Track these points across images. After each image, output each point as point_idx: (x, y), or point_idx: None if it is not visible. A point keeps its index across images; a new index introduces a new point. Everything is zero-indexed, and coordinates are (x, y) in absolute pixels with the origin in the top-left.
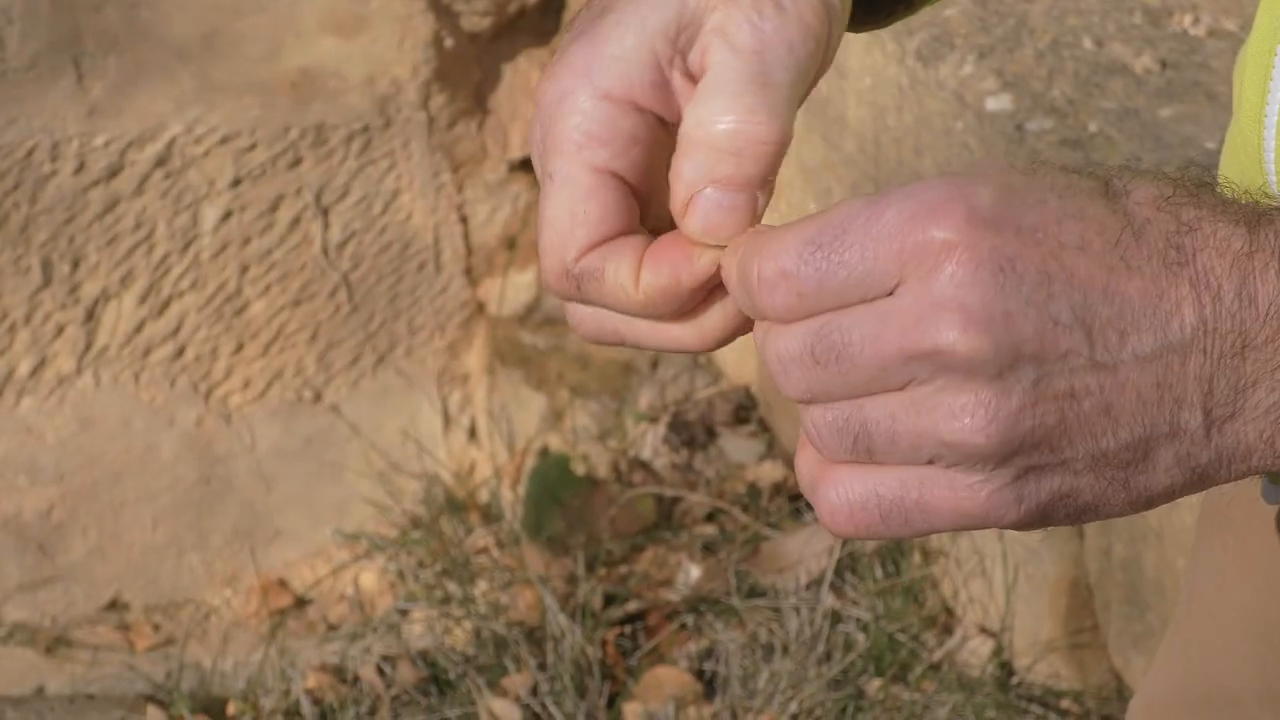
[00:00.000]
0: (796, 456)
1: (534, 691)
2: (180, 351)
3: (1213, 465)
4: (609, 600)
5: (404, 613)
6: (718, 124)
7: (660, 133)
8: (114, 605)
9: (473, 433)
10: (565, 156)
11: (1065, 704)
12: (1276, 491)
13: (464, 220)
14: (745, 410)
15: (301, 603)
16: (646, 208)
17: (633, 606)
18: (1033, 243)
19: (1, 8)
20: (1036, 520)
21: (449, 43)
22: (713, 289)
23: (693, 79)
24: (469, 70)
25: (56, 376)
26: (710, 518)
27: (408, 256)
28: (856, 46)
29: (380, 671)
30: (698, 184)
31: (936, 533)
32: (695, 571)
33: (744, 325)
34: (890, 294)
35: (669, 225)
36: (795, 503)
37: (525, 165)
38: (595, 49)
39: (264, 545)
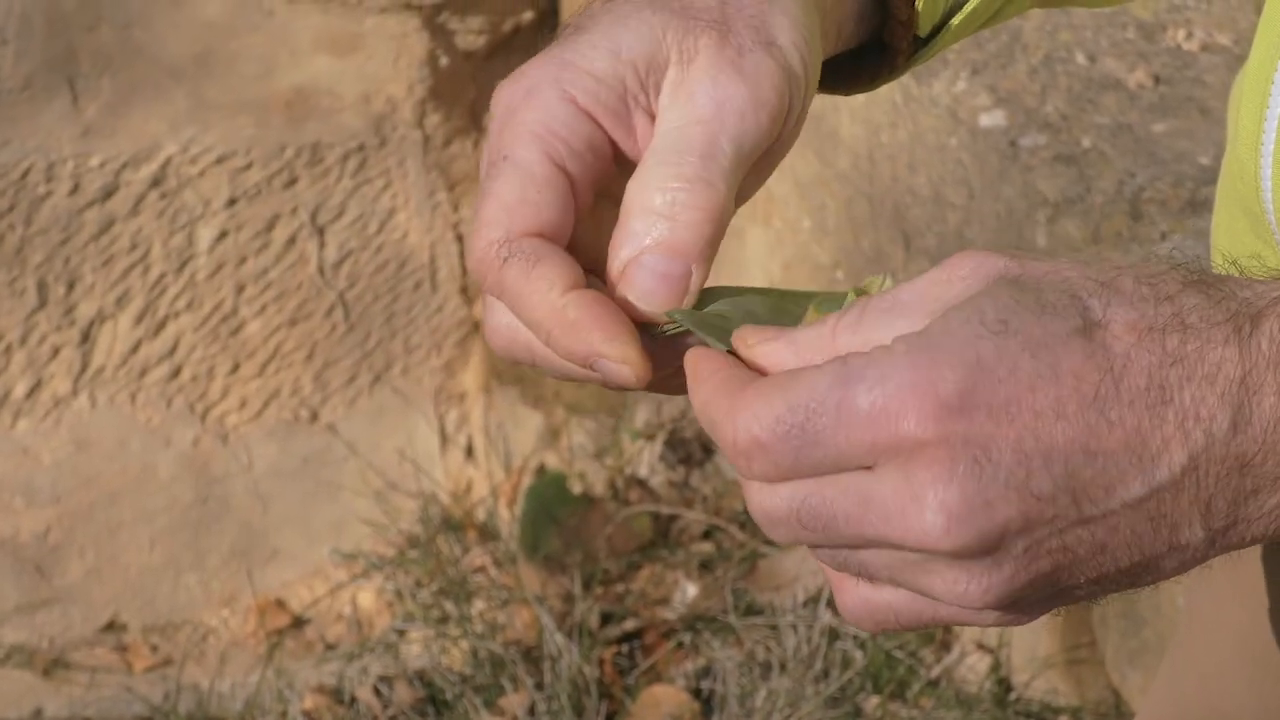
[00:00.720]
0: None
1: (531, 711)
2: (176, 372)
3: (1219, 555)
4: (606, 619)
5: (401, 632)
6: (656, 193)
7: (609, 158)
8: (112, 626)
9: (469, 451)
10: (524, 143)
11: None
12: None
13: (460, 239)
14: None
15: (299, 622)
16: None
17: (630, 625)
18: (1006, 421)
19: None
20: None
21: (444, 61)
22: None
23: (650, 118)
24: (464, 89)
25: (53, 398)
26: (707, 535)
27: (404, 275)
28: None
29: (377, 692)
30: (635, 250)
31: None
32: (692, 589)
33: (661, 364)
34: (869, 468)
35: (584, 254)
36: None
37: None
38: (565, 60)
39: (261, 565)
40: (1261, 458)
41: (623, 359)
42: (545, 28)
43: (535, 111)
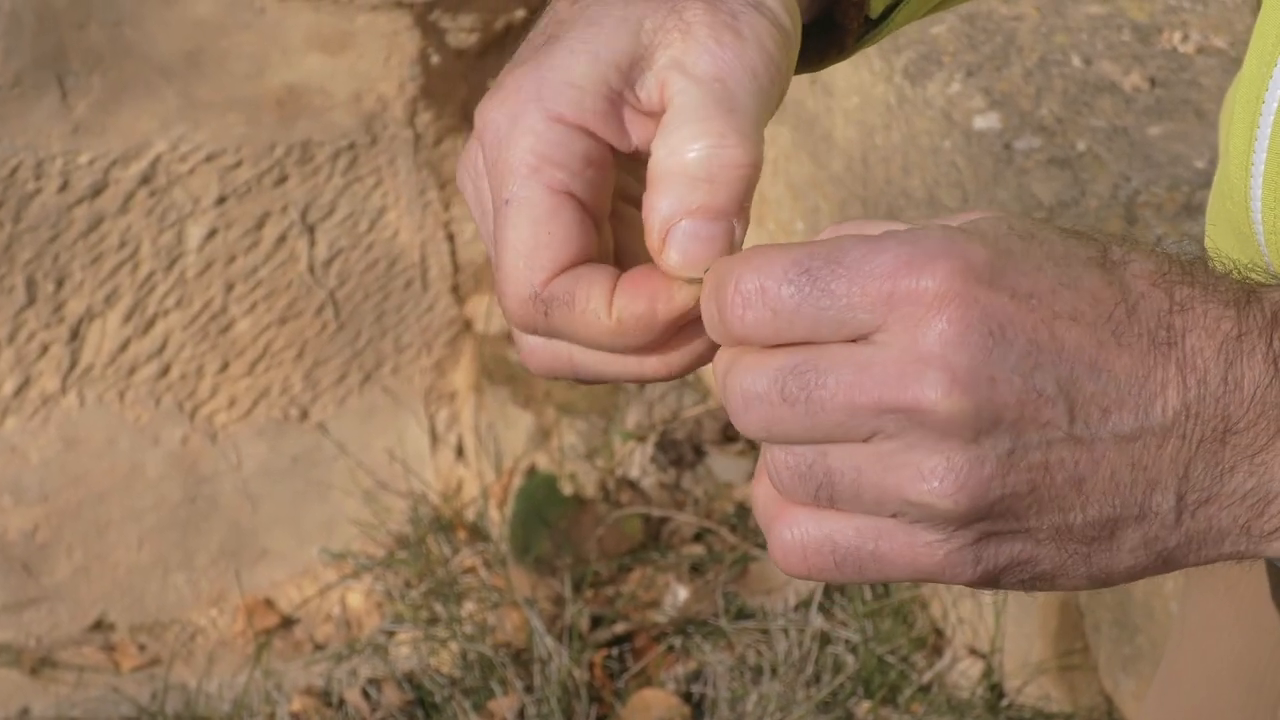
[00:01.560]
0: (754, 485)
1: (521, 715)
2: (165, 370)
3: (1180, 549)
4: (596, 622)
5: (390, 634)
6: (689, 152)
7: (610, 162)
8: (99, 625)
9: (460, 451)
10: (521, 179)
11: None
12: None
13: (451, 238)
14: (733, 429)
15: (288, 622)
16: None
17: (620, 628)
18: (1026, 309)
19: None
20: (990, 582)
21: (435, 60)
22: (686, 322)
23: (644, 113)
24: (455, 87)
25: (41, 396)
26: (698, 538)
27: (394, 274)
28: (844, 65)
29: (366, 695)
30: (674, 216)
31: (889, 582)
32: (683, 593)
33: (710, 354)
34: (866, 339)
35: (619, 256)
36: None
37: None
38: (544, 75)
39: (250, 565)
40: (1246, 423)
41: (692, 359)
42: None
43: (525, 139)
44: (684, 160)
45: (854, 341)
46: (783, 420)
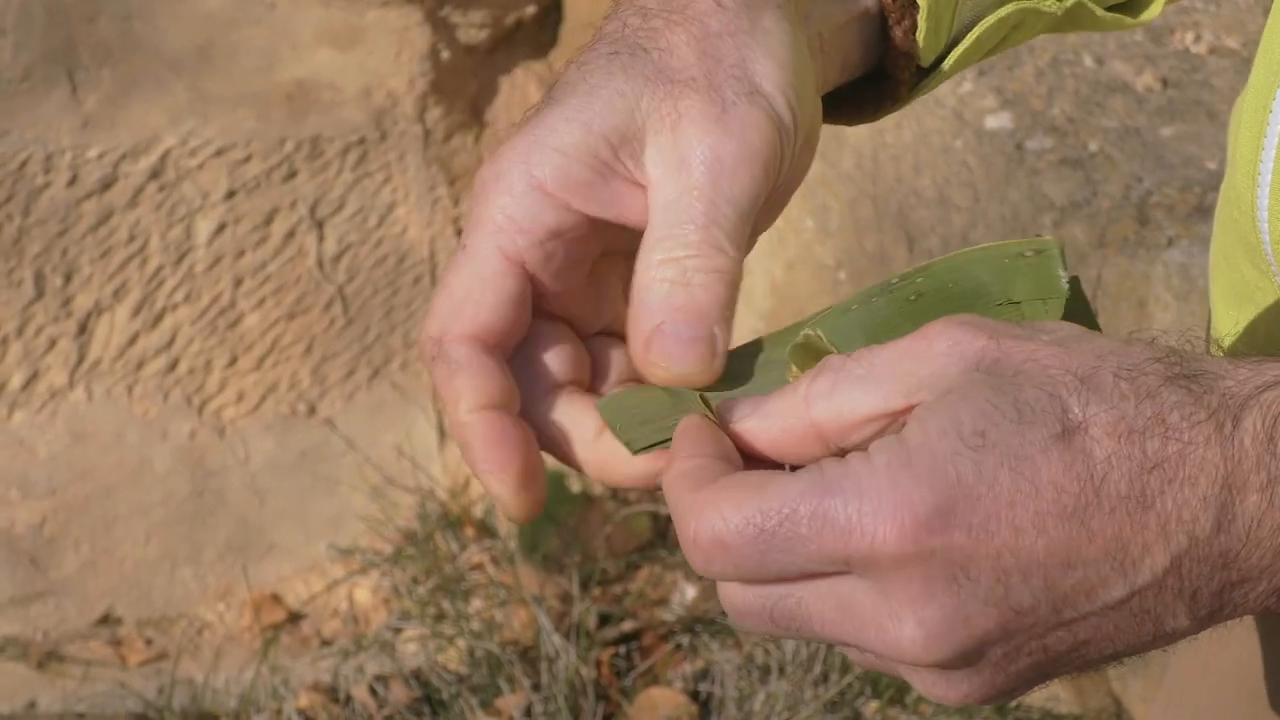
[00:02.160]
0: None
1: (528, 712)
2: (174, 365)
3: (1203, 629)
4: (604, 620)
5: (397, 630)
6: (667, 265)
7: (588, 232)
8: (106, 620)
9: None
10: (481, 233)
11: None
12: None
13: (460, 234)
14: None
15: (295, 618)
16: (563, 304)
17: (628, 626)
18: (985, 539)
19: None
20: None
21: (445, 55)
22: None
23: (633, 184)
24: (465, 83)
25: (49, 390)
26: None
27: (403, 270)
28: None
29: (373, 691)
30: (653, 320)
31: None
32: (691, 591)
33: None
34: (844, 575)
35: (583, 323)
36: None
37: None
38: (537, 138)
39: (257, 560)
40: (1246, 553)
41: (498, 494)
42: (547, 22)
43: (500, 197)
44: (662, 273)
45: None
46: (777, 634)
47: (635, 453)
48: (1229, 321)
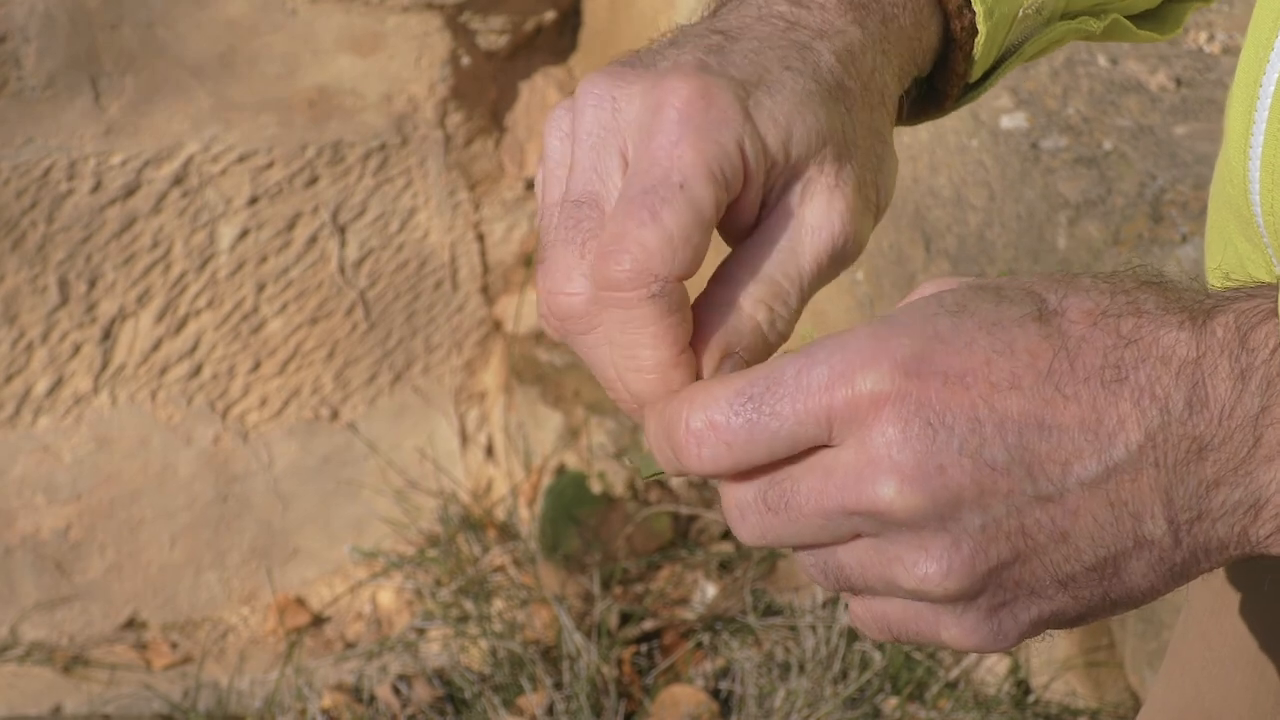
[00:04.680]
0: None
1: (550, 711)
2: (197, 370)
3: (1189, 563)
4: (625, 619)
5: (421, 631)
6: (762, 306)
7: None
8: (131, 624)
9: (489, 450)
10: (703, 179)
11: None
12: None
13: (481, 238)
14: None
15: (319, 621)
16: None
17: (649, 625)
18: (961, 389)
19: (18, 27)
20: (1026, 639)
21: (466, 61)
22: None
23: (764, 198)
24: (486, 88)
25: (74, 395)
26: (726, 535)
27: (424, 274)
28: None
29: (396, 691)
30: (735, 345)
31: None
32: (711, 590)
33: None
34: (829, 444)
35: None
36: None
37: None
38: (747, 112)
39: (281, 563)
40: (1219, 442)
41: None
42: (567, 28)
43: (716, 147)
44: (756, 310)
45: (823, 448)
46: (773, 527)
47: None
48: None
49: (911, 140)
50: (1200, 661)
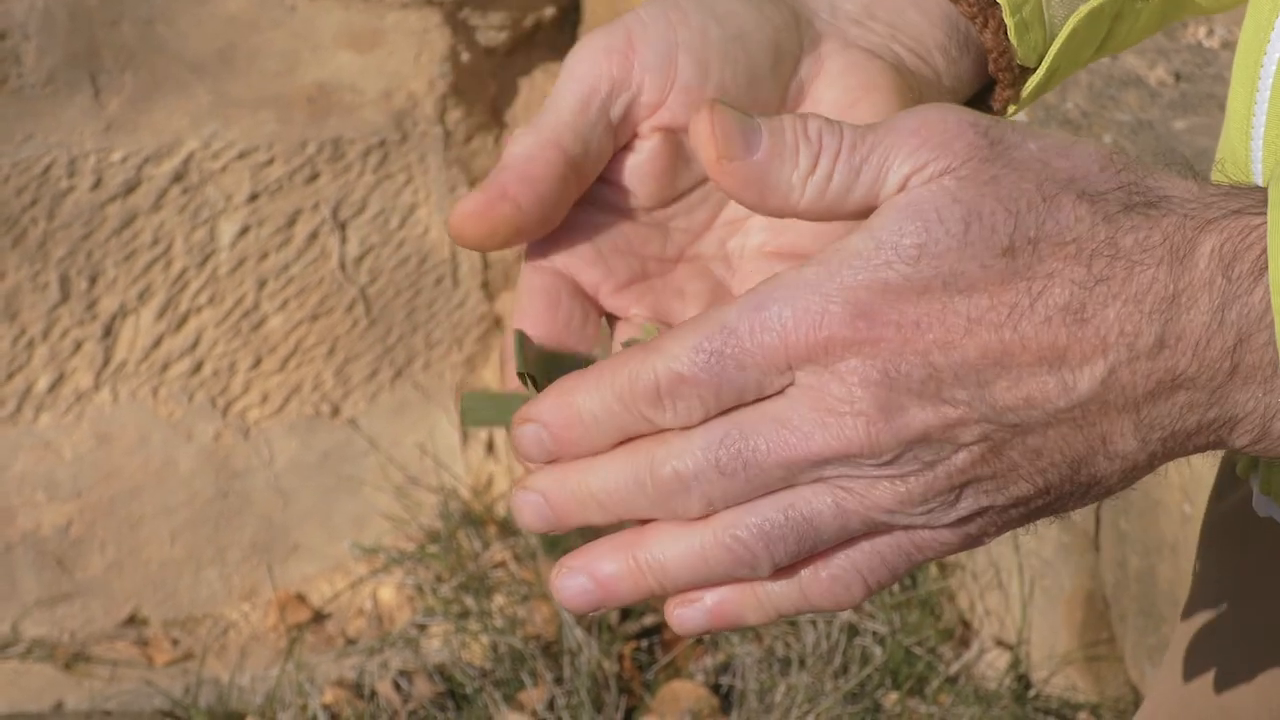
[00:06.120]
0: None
1: (550, 706)
2: (198, 366)
3: (1155, 459)
4: (625, 614)
5: (422, 627)
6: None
7: None
8: (132, 620)
9: (490, 447)
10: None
11: (1082, 717)
12: (1267, 503)
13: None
14: None
15: (319, 617)
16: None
17: (649, 620)
18: (915, 335)
19: (18, 24)
20: (1003, 533)
21: (465, 57)
22: None
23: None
24: (485, 84)
25: (74, 392)
26: None
27: (425, 270)
28: None
29: (397, 686)
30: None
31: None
32: None
33: None
34: (783, 392)
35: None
36: None
37: None
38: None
39: (282, 559)
40: (1194, 372)
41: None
42: (566, 24)
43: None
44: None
45: (765, 399)
46: (726, 491)
47: (466, 426)
48: None
49: None
50: (1206, 651)
